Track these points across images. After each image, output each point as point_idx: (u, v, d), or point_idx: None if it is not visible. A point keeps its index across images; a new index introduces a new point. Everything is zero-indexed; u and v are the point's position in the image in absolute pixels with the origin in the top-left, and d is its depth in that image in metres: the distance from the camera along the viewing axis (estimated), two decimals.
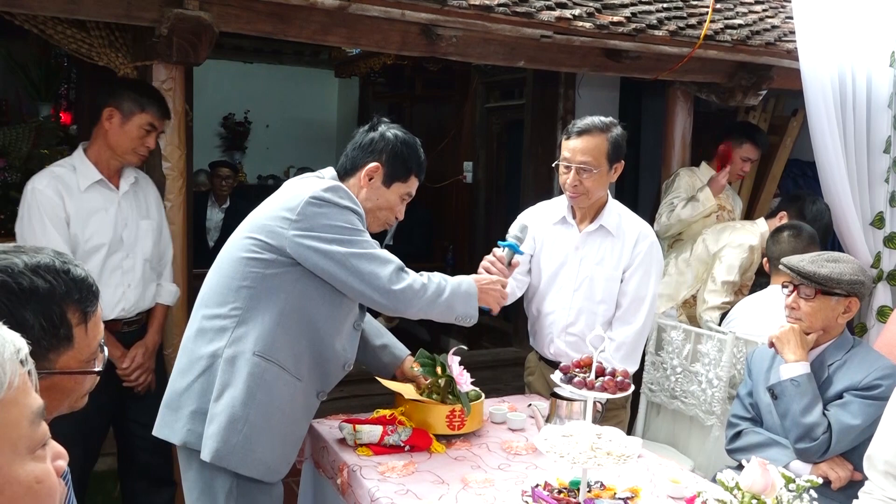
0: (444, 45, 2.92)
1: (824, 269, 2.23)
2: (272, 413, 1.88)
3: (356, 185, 2.01)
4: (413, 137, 2.08)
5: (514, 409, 2.40)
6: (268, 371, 1.87)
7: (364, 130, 2.06)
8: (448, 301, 1.98)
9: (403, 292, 1.90)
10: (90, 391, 1.20)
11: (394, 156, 2.01)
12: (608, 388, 1.74)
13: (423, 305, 1.95)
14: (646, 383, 3.12)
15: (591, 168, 2.43)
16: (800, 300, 2.27)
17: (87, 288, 1.13)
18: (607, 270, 2.50)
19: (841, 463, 2.18)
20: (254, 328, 1.88)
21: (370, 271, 1.87)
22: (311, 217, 1.85)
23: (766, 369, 2.38)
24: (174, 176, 2.74)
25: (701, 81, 3.71)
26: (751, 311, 3.02)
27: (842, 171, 3.40)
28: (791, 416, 2.19)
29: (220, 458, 1.85)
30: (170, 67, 2.68)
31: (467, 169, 5.75)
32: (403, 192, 2.06)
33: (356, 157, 2.02)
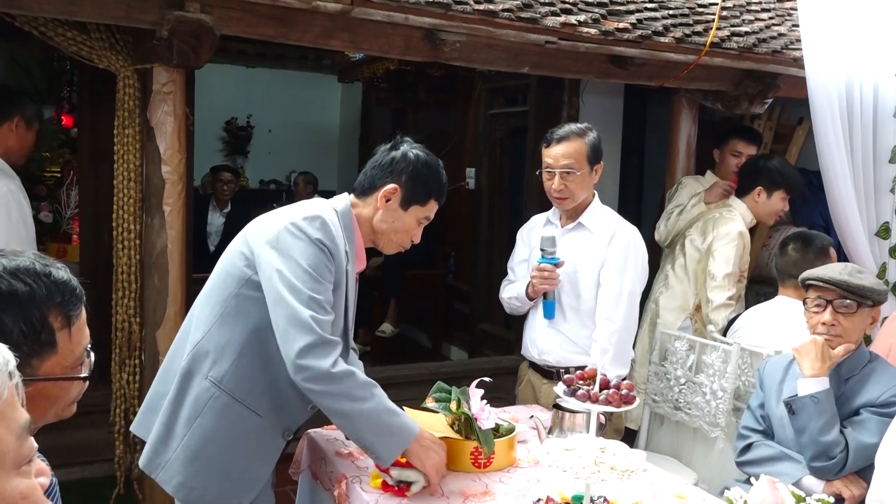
0: (447, 50, 2.89)
1: (865, 281, 2.18)
2: (212, 441, 1.82)
3: (372, 205, 1.95)
4: (436, 159, 2.00)
5: (516, 419, 2.35)
6: (216, 399, 1.82)
7: (386, 149, 1.98)
8: (360, 418, 1.74)
9: (314, 359, 1.70)
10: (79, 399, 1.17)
11: (414, 178, 1.94)
12: (612, 402, 1.70)
13: (327, 394, 1.72)
14: (649, 394, 3.08)
15: (573, 171, 2.54)
16: (839, 315, 2.18)
17: (70, 291, 1.09)
18: (584, 266, 2.57)
19: (855, 481, 2.13)
20: (215, 351, 1.83)
21: (297, 305, 1.72)
22: (283, 242, 1.79)
23: (778, 381, 2.34)
24: (173, 180, 2.71)
25: (706, 89, 3.68)
26: (757, 321, 2.97)
27: (847, 181, 3.37)
28: (809, 433, 2.13)
29: (150, 468, 1.85)
30: (170, 70, 2.65)
31: (470, 175, 5.73)
32: (421, 216, 1.99)
33: (375, 175, 1.95)
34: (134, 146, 2.76)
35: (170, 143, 2.70)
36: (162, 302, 2.72)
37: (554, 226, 2.71)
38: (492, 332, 5.34)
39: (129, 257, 2.79)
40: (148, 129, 2.71)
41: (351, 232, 1.93)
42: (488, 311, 5.39)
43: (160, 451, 1.84)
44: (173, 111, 2.68)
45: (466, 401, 2.03)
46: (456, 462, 1.99)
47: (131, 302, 2.81)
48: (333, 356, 1.74)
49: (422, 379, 3.91)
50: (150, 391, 1.98)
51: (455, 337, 5.87)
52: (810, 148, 3.61)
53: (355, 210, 1.96)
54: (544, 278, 2.54)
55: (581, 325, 2.59)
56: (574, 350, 2.59)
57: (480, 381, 2.08)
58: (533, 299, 2.65)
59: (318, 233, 1.80)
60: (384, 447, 1.78)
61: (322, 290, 1.78)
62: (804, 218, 4.19)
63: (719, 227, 3.28)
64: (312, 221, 1.81)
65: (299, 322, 1.73)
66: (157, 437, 1.85)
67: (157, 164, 2.70)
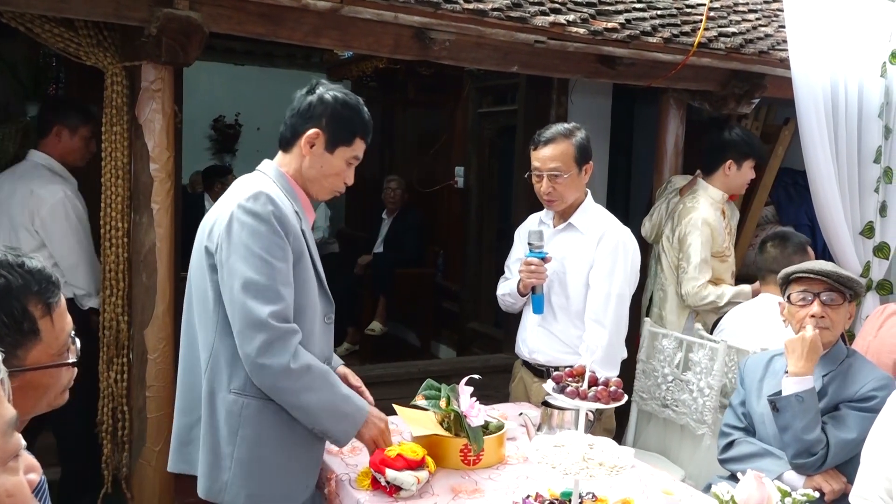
0: (437, 48, 2.89)
1: (846, 272, 2.23)
2: (261, 446, 1.83)
3: (297, 154, 1.92)
4: (356, 98, 1.97)
5: (505, 417, 2.36)
6: (247, 406, 1.81)
7: (302, 95, 1.95)
8: (317, 409, 1.80)
9: (273, 343, 1.73)
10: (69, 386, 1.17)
11: (335, 119, 1.91)
12: (601, 399, 1.71)
13: (288, 391, 1.76)
14: (637, 392, 3.10)
15: (561, 173, 2.55)
16: (827, 308, 2.21)
17: (46, 279, 1.10)
18: (573, 267, 2.59)
19: (835, 475, 2.16)
20: (227, 364, 1.83)
21: (249, 300, 1.73)
22: (234, 231, 1.78)
23: (759, 378, 2.36)
24: (162, 178, 2.70)
25: (694, 89, 3.70)
26: (741, 320, 3.00)
27: (832, 181, 3.39)
28: (792, 431, 2.15)
29: (213, 495, 1.83)
30: (159, 68, 2.64)
31: (459, 174, 5.72)
32: (349, 157, 1.95)
33: (295, 123, 1.93)
34: (122, 144, 2.74)
35: (158, 140, 2.68)
36: (150, 300, 2.71)
37: (546, 226, 2.72)
38: (481, 331, 5.34)
39: (116, 255, 2.78)
40: (136, 126, 2.69)
41: (291, 190, 1.92)
42: (477, 309, 5.39)
43: (216, 477, 1.83)
44: (162, 109, 2.66)
45: (456, 398, 2.04)
46: (445, 459, 1.99)
47: (119, 300, 2.79)
48: (291, 349, 1.76)
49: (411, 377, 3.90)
50: (175, 426, 1.97)
51: (444, 335, 5.87)
52: (796, 148, 3.64)
53: (284, 168, 1.94)
54: (531, 272, 2.55)
55: (571, 325, 2.60)
56: (564, 350, 2.60)
57: (470, 378, 2.09)
58: (524, 295, 2.66)
59: (266, 207, 1.79)
60: (340, 431, 1.87)
61: (278, 272, 1.77)
62: (790, 217, 4.22)
63: (683, 218, 3.30)
64: (256, 199, 1.80)
65: (254, 321, 1.73)
66: (208, 465, 1.84)
67: (145, 161, 2.68)
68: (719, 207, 3.34)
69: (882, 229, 3.51)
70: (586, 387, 1.74)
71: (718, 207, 3.34)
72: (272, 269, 1.76)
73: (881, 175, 3.45)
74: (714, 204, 3.32)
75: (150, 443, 2.70)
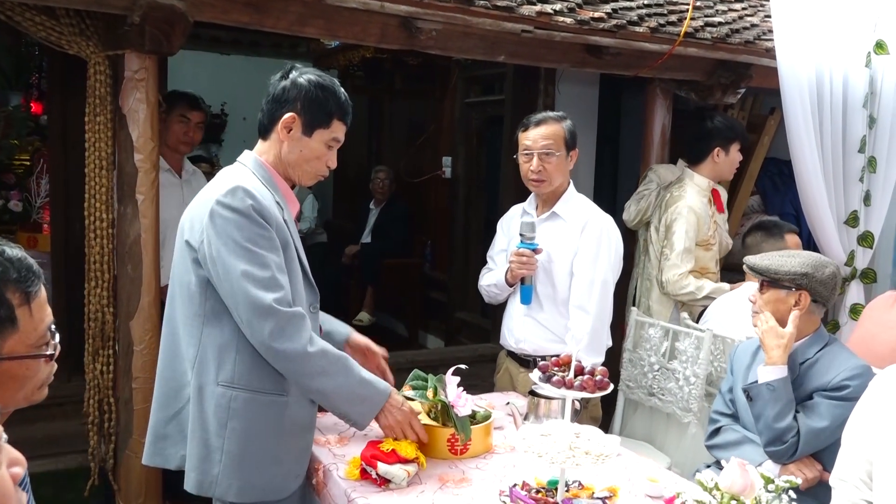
0: (423, 38, 2.88)
1: (767, 261, 2.25)
2: (251, 438, 1.82)
3: (276, 140, 1.92)
4: (331, 79, 1.96)
5: (493, 406, 2.37)
6: (235, 399, 1.81)
7: (276, 80, 1.94)
8: (335, 393, 1.83)
9: (288, 325, 1.76)
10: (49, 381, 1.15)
11: (310, 102, 1.89)
12: (587, 388, 1.72)
13: (306, 374, 1.79)
14: (623, 380, 3.12)
15: (553, 151, 2.57)
16: (757, 293, 2.30)
17: (27, 268, 1.08)
18: (558, 255, 2.60)
19: (809, 464, 2.17)
20: (214, 358, 1.82)
21: (250, 290, 1.74)
22: (217, 226, 1.78)
23: (746, 366, 2.38)
24: (146, 168, 2.68)
25: (680, 79, 3.71)
26: (727, 308, 3.02)
27: (817, 170, 3.42)
28: (764, 419, 2.17)
29: (204, 489, 1.82)
30: (142, 57, 2.61)
31: (446, 164, 5.72)
32: (328, 139, 1.93)
33: (271, 109, 1.92)
34: (106, 134, 2.72)
35: (142, 130, 2.66)
36: (136, 291, 2.69)
37: (529, 216, 2.73)
38: (468, 321, 5.35)
39: (101, 247, 2.76)
40: (120, 116, 2.67)
41: (270, 179, 1.91)
42: (465, 299, 5.40)
43: (207, 471, 1.82)
44: (145, 98, 2.63)
45: (443, 388, 2.05)
46: (433, 449, 2.00)
47: (104, 292, 2.77)
48: (306, 334, 1.78)
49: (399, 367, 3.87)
50: (151, 420, 1.95)
51: (432, 326, 5.88)
52: (782, 138, 3.66)
53: (264, 156, 1.93)
54: (522, 263, 2.56)
55: (557, 314, 2.61)
56: (551, 339, 2.62)
57: (457, 368, 2.09)
58: (512, 285, 2.66)
59: (244, 202, 1.78)
60: (358, 413, 1.90)
61: (270, 260, 1.78)
62: (775, 207, 4.25)
63: (669, 207, 3.32)
64: (234, 194, 1.79)
65: (261, 308, 1.74)
66: (198, 458, 1.83)
67: (129, 152, 2.66)
68: (706, 195, 3.36)
69: (866, 218, 3.54)
70: (572, 376, 1.75)
71: (705, 195, 3.35)
72: (264, 259, 1.77)
73: (865, 164, 3.48)
74: (701, 192, 3.34)
75: (136, 434, 2.69)
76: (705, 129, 3.38)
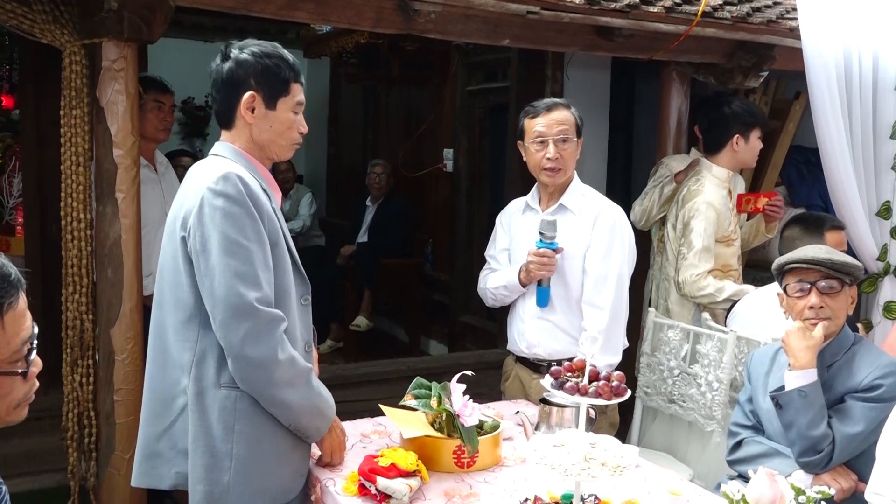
0: (421, 21, 2.88)
1: (840, 257, 2.23)
2: (259, 440, 1.84)
3: (242, 125, 1.94)
4: (271, 44, 1.99)
5: (501, 416, 2.37)
6: (241, 400, 1.83)
7: (218, 66, 1.96)
8: (298, 406, 1.85)
9: (259, 326, 1.77)
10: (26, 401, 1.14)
11: (263, 75, 1.92)
12: (603, 394, 1.72)
13: (271, 383, 1.80)
14: (641, 387, 3.11)
15: (569, 136, 2.60)
16: (825, 297, 2.21)
17: (3, 277, 1.07)
18: (569, 251, 2.60)
19: (844, 473, 2.17)
20: (213, 359, 1.83)
21: (233, 285, 1.75)
22: (207, 215, 1.79)
23: (765, 373, 2.37)
24: (127, 164, 2.68)
25: (698, 62, 3.71)
26: (755, 308, 3.01)
27: (846, 158, 3.41)
28: (797, 428, 2.16)
29: (215, 500, 1.82)
30: (121, 45, 2.61)
31: (447, 157, 5.72)
32: (293, 105, 1.97)
33: (226, 96, 1.95)
34: (82, 128, 2.72)
35: (122, 124, 2.66)
36: (116, 296, 2.69)
37: (534, 211, 2.72)
38: (473, 325, 5.35)
39: (79, 249, 2.76)
40: (97, 109, 2.67)
41: (252, 167, 1.93)
42: (469, 302, 5.40)
43: (216, 480, 1.82)
44: (125, 90, 2.64)
45: (448, 397, 2.05)
46: (438, 462, 2.00)
47: (83, 298, 2.78)
48: (278, 339, 1.79)
49: (399, 375, 3.92)
50: (141, 437, 1.95)
51: (434, 330, 5.88)
52: (808, 124, 3.65)
53: (236, 144, 1.95)
54: (543, 264, 2.55)
55: (571, 314, 2.61)
56: (565, 341, 2.62)
57: (462, 375, 2.09)
58: (526, 286, 2.66)
59: (238, 187, 1.80)
60: (314, 428, 1.94)
61: (256, 255, 1.79)
62: (802, 198, 4.24)
63: (687, 202, 3.32)
64: (227, 180, 1.81)
65: (239, 307, 1.76)
66: (205, 468, 1.83)
67: (108, 147, 2.66)
68: (725, 187, 3.36)
69: None
70: (587, 382, 1.75)
71: (724, 187, 3.35)
72: (250, 252, 1.79)
73: None
74: (720, 184, 3.33)
75: (119, 450, 2.69)
76: (722, 116, 3.37)
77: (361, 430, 2.30)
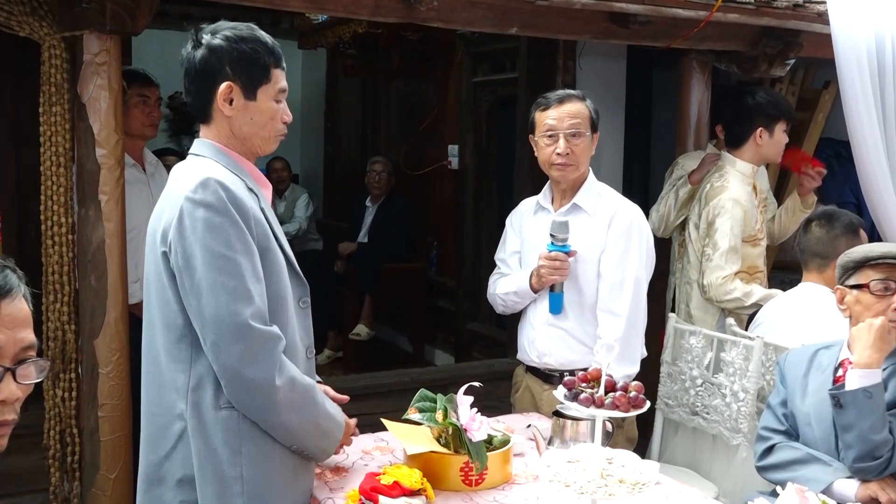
0: (424, 9, 2.88)
1: None
2: (269, 459, 1.84)
3: (220, 118, 1.89)
4: (247, 26, 1.91)
5: (511, 430, 2.37)
6: (244, 420, 1.81)
7: (189, 53, 1.90)
8: (300, 429, 1.85)
9: (257, 342, 1.75)
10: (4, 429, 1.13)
11: (239, 61, 1.86)
12: (620, 406, 1.72)
13: (269, 408, 1.79)
14: (661, 398, 3.11)
15: (581, 131, 2.59)
16: None
17: None
18: (583, 255, 2.60)
19: (893, 484, 2.18)
20: (210, 379, 1.81)
21: (223, 303, 1.73)
22: (189, 228, 1.76)
23: (802, 374, 2.37)
24: (110, 165, 2.69)
25: (720, 50, 3.70)
26: (781, 312, 3.01)
27: (879, 151, 3.40)
28: (858, 431, 2.15)
29: None
30: (103, 38, 2.62)
31: (452, 153, 5.73)
32: (275, 93, 1.91)
33: (200, 88, 1.89)
34: (63, 126, 2.73)
35: (104, 122, 2.67)
36: (100, 305, 2.70)
37: (546, 210, 2.72)
38: (481, 333, 5.35)
39: (60, 255, 2.77)
40: (79, 106, 2.67)
41: (236, 164, 1.90)
42: (476, 308, 5.40)
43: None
44: (108, 85, 2.65)
45: (454, 410, 2.04)
46: (444, 480, 2.00)
47: (65, 307, 2.78)
48: (277, 361, 1.77)
49: (403, 387, 3.91)
50: (142, 465, 1.94)
51: (439, 339, 5.88)
52: (838, 115, 3.64)
53: (216, 140, 1.92)
54: (555, 268, 2.55)
55: (585, 321, 2.61)
56: (579, 350, 2.62)
57: (469, 386, 2.09)
58: (537, 291, 2.66)
59: (218, 194, 1.76)
60: (319, 449, 1.95)
61: (245, 268, 1.76)
62: (833, 194, 4.23)
63: (710, 200, 3.30)
64: (206, 187, 1.77)
65: (232, 327, 1.73)
66: (215, 495, 1.81)
67: (90, 146, 2.67)
68: (750, 182, 3.35)
69: None
70: (602, 393, 1.74)
71: (749, 183, 3.34)
72: (238, 265, 1.76)
73: None
74: (744, 180, 3.33)
75: (104, 469, 2.70)
76: (745, 107, 3.36)
77: (362, 447, 2.30)
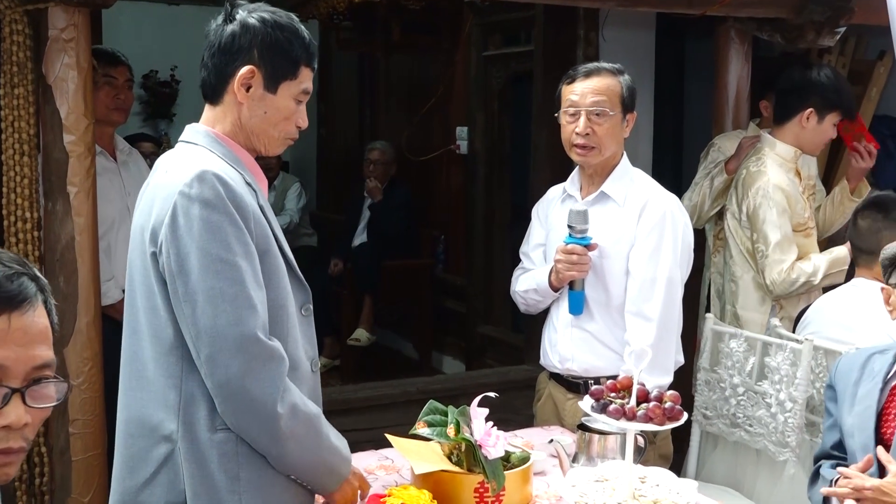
0: None
1: None
2: (271, 485, 1.83)
3: (231, 103, 1.88)
4: (287, 14, 1.91)
5: (531, 446, 2.37)
6: (241, 442, 1.81)
7: (219, 26, 1.89)
8: (300, 461, 1.84)
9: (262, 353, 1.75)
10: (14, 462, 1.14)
11: (270, 48, 1.85)
12: (654, 418, 1.72)
13: (269, 436, 1.78)
14: (698, 408, 3.11)
15: (605, 110, 2.56)
16: None
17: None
18: (611, 249, 2.60)
19: None
20: (203, 399, 1.80)
21: (220, 313, 1.72)
22: (182, 228, 1.75)
23: (853, 382, 2.36)
24: (80, 153, 2.70)
25: (761, 17, 3.69)
26: (830, 311, 3.00)
27: None
28: None
29: None
30: (70, 11, 2.63)
31: (461, 136, 5.72)
32: (297, 93, 1.92)
33: (220, 64, 1.87)
34: (27, 110, 2.74)
35: (73, 105, 2.68)
36: (70, 310, 2.71)
37: (573, 199, 2.72)
38: (495, 337, 5.36)
39: (25, 254, 2.77)
40: (44, 87, 2.68)
41: (234, 156, 1.89)
42: (489, 309, 5.41)
43: None
44: (76, 63, 2.65)
45: (467, 424, 2.04)
46: (456, 502, 2.00)
47: None
48: (279, 382, 1.76)
49: (408, 398, 3.93)
50: (114, 491, 1.91)
51: (448, 344, 5.89)
52: (894, 89, 3.63)
53: (217, 127, 1.91)
54: (572, 263, 2.55)
55: (612, 324, 2.61)
56: (606, 357, 2.62)
57: (484, 397, 2.08)
58: (557, 290, 2.66)
59: (216, 189, 1.76)
60: (320, 485, 1.92)
61: (245, 273, 1.76)
62: (888, 178, 4.22)
63: (749, 188, 3.28)
64: (202, 181, 1.76)
65: (231, 339, 1.72)
66: None
67: (57, 132, 2.68)
68: (791, 168, 3.33)
69: None
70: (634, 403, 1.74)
71: (790, 168, 3.33)
72: (238, 271, 1.75)
73: None
74: (784, 164, 3.31)
75: (76, 493, 2.71)
76: (803, 80, 3.32)
77: (365, 465, 2.30)
